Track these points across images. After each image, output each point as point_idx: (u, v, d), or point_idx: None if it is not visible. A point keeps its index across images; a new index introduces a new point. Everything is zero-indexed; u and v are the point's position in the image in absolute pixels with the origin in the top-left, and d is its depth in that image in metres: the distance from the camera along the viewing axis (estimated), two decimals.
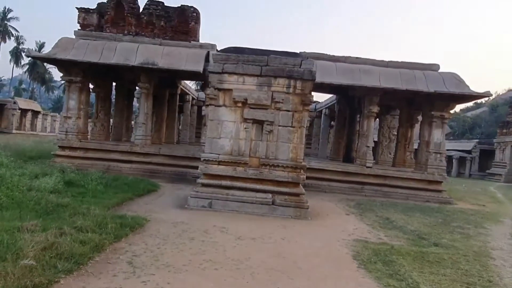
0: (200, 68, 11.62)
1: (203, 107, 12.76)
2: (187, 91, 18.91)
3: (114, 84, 15.50)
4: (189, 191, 9.87)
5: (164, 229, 5.96)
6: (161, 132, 15.31)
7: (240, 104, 7.84)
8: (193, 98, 20.79)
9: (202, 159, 7.99)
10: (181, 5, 13.22)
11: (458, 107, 45.73)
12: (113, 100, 16.67)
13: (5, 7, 55.81)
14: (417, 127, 14.82)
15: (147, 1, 13.22)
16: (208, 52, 12.28)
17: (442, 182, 12.69)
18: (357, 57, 12.85)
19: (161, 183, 10.95)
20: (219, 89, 7.91)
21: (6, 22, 54.96)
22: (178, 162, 12.60)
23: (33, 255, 3.86)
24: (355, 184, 12.66)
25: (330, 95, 18.09)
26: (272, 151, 7.88)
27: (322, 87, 12.79)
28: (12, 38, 56.87)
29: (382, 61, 12.84)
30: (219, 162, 7.91)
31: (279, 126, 7.86)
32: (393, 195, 12.38)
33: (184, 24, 13.18)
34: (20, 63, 60.35)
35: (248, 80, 7.85)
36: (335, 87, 12.51)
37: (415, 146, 15.11)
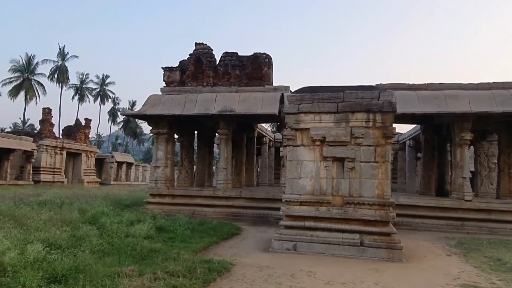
0: (275, 110, 11.87)
1: (281, 148, 12.88)
2: (264, 133, 19.37)
3: (196, 132, 16.54)
4: (272, 234, 9.76)
5: (250, 273, 5.88)
6: (241, 175, 15.69)
7: (318, 143, 7.73)
8: (270, 140, 21.19)
9: (283, 200, 7.91)
10: (254, 53, 13.93)
11: None
12: (195, 148, 17.68)
13: (103, 74, 64.65)
14: None
15: (223, 53, 14.19)
16: (282, 94, 12.56)
17: None
18: (440, 83, 12.05)
19: (243, 226, 11.03)
20: (296, 129, 7.93)
21: (104, 87, 63.22)
22: (259, 204, 12.66)
23: None
24: (453, 221, 11.39)
25: (414, 125, 17.06)
26: (355, 188, 7.52)
27: (404, 118, 12.13)
28: (110, 100, 64.98)
29: (470, 84, 11.83)
30: (301, 203, 7.75)
31: (361, 162, 7.53)
32: (502, 231, 10.83)
33: (257, 70, 13.78)
34: (116, 121, 68.43)
35: (325, 118, 7.76)
36: (418, 116, 11.76)
37: None
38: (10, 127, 61.72)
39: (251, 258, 6.98)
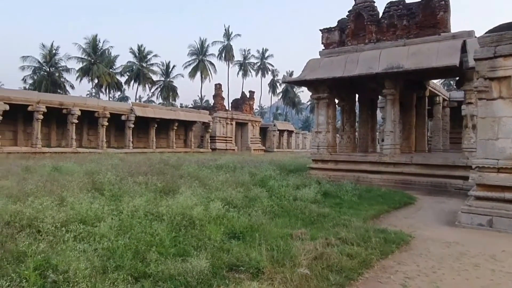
0: (455, 61, 9.96)
1: (463, 106, 10.84)
2: (436, 92, 16.85)
3: (357, 96, 15.60)
4: (453, 205, 8.50)
5: (435, 249, 5.06)
6: (410, 140, 14.14)
7: None
8: (444, 100, 18.37)
9: (474, 166, 6.57)
10: None
11: None
12: (357, 112, 16.78)
13: (263, 48, 68.42)
14: None
15: (387, 3, 12.65)
16: (464, 41, 10.46)
17: None
18: None
19: (416, 195, 9.89)
20: (491, 79, 6.34)
21: (264, 60, 66.88)
22: (435, 172, 11.11)
23: (306, 264, 3.89)
24: None
25: None
26: None
27: None
28: (269, 73, 68.61)
29: None
30: (499, 169, 6.26)
31: None
32: None
33: (430, 16, 11.77)
34: (276, 92, 72.11)
35: None
36: None
37: None
38: (192, 104, 72.58)
39: (433, 232, 6.07)
